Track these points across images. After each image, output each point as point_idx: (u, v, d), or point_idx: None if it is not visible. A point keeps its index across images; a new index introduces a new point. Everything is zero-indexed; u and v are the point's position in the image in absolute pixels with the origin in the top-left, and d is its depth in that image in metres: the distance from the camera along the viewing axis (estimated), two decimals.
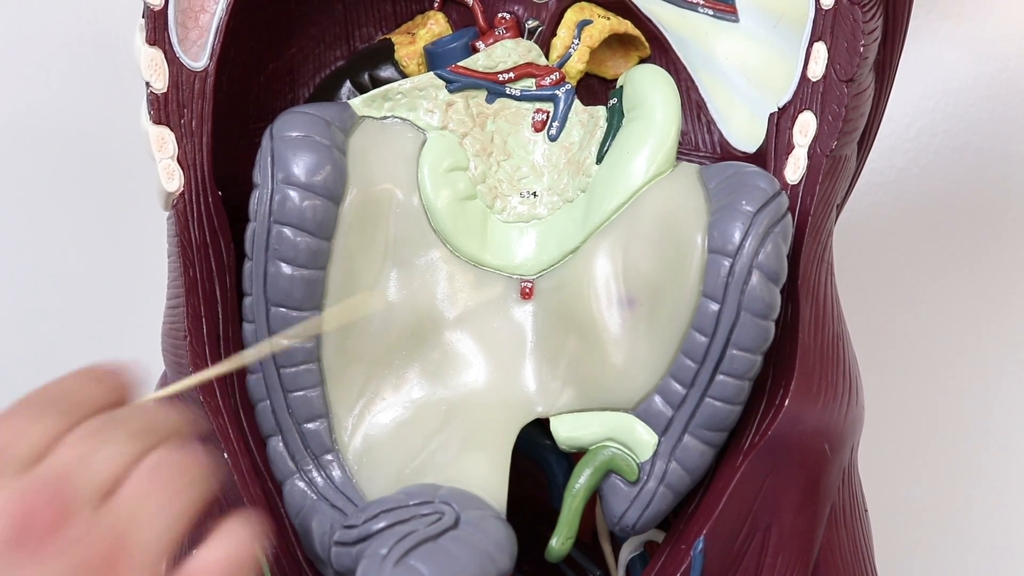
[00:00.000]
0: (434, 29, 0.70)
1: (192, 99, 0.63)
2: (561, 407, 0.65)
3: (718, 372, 0.61)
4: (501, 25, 0.69)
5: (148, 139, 0.62)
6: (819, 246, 0.64)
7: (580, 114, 0.69)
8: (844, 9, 0.62)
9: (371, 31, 0.72)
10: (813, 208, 0.63)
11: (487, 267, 0.67)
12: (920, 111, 0.92)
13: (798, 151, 0.64)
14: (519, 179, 0.68)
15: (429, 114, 0.67)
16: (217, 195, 0.64)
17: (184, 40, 0.63)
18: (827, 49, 0.63)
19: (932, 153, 0.93)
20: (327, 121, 0.63)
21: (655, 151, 0.65)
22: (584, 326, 0.64)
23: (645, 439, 0.63)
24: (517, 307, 0.66)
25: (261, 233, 0.61)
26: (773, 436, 0.61)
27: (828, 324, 0.64)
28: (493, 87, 0.68)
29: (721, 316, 0.60)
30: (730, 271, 0.60)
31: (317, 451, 0.64)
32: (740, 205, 0.61)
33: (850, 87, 0.62)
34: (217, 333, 0.63)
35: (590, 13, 0.70)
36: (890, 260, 0.94)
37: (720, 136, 0.70)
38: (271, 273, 0.61)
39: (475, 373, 0.66)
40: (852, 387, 0.65)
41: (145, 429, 0.49)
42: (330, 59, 0.71)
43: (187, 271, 0.63)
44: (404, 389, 0.65)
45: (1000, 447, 0.95)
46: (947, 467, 0.95)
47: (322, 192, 0.61)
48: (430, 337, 0.65)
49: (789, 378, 0.62)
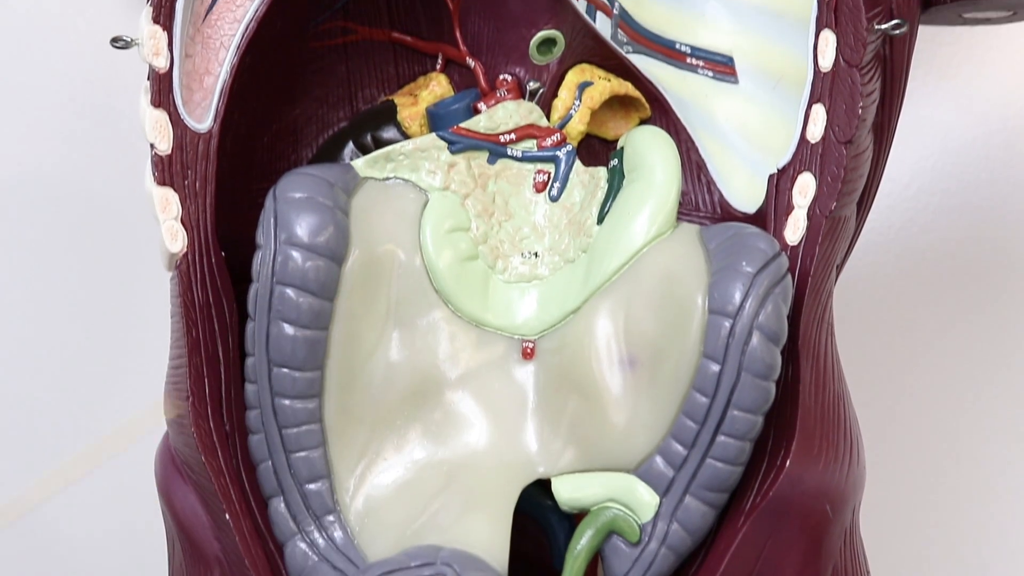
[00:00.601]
0: (436, 90, 0.71)
1: (196, 160, 0.63)
2: (563, 467, 0.65)
3: (719, 433, 0.61)
4: (503, 87, 0.69)
5: (152, 200, 0.62)
6: (819, 306, 0.64)
7: (581, 175, 0.69)
8: (842, 71, 0.63)
9: (374, 92, 0.72)
10: (813, 269, 0.63)
11: (489, 327, 0.67)
12: (919, 171, 0.93)
13: (798, 212, 0.65)
14: (520, 239, 0.68)
15: (431, 175, 0.67)
16: (220, 256, 0.64)
17: (189, 102, 0.63)
18: (826, 111, 0.64)
19: (931, 212, 0.93)
20: (330, 182, 0.63)
21: (656, 212, 0.65)
22: (585, 386, 0.64)
23: (646, 500, 0.63)
24: (518, 367, 0.66)
25: (264, 293, 0.61)
26: (774, 497, 0.61)
27: (829, 384, 0.64)
28: (495, 148, 0.68)
29: (722, 377, 0.61)
30: (731, 332, 0.60)
31: (319, 512, 0.63)
32: (740, 266, 0.61)
33: (849, 149, 0.63)
34: (220, 394, 0.63)
35: (591, 75, 0.70)
36: (890, 319, 0.94)
37: (720, 196, 0.70)
38: (273, 333, 0.62)
39: (476, 434, 0.66)
40: (853, 447, 0.65)
41: None
42: (333, 120, 0.72)
43: (190, 331, 0.63)
44: (406, 450, 0.65)
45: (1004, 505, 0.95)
46: (949, 527, 0.95)
47: (325, 253, 0.62)
48: (432, 397, 0.66)
49: (790, 439, 0.62)
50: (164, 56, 0.62)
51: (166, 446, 0.68)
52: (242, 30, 0.64)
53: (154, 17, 0.62)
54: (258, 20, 0.64)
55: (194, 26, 0.64)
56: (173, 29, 0.62)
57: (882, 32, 0.62)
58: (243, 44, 0.64)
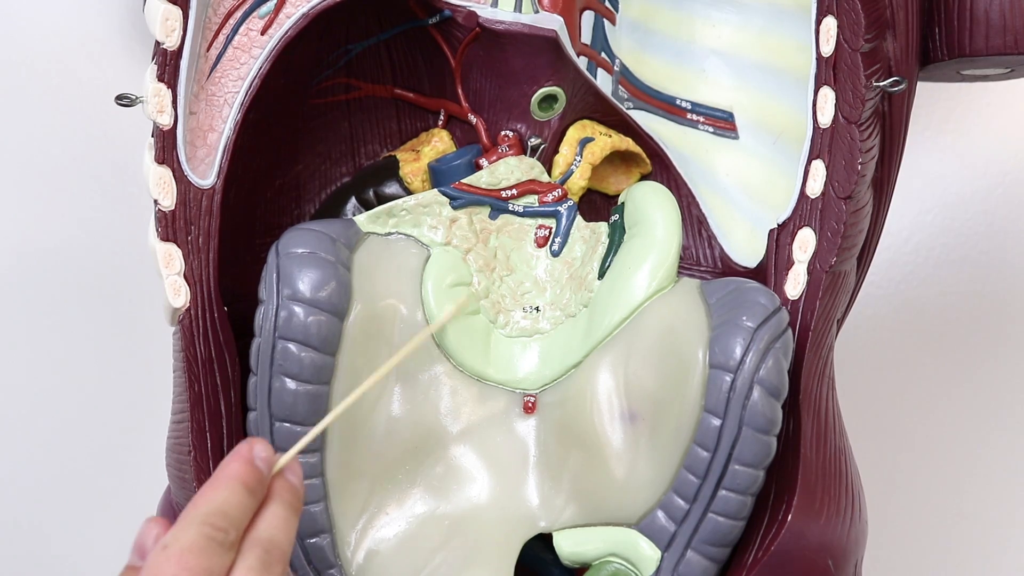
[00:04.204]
0: (438, 146, 0.71)
1: (200, 216, 0.63)
2: (564, 522, 0.65)
3: (720, 487, 0.61)
4: (504, 143, 0.70)
5: (155, 256, 0.63)
6: (820, 361, 0.64)
7: (582, 230, 0.69)
8: (842, 128, 0.63)
9: (376, 148, 0.72)
10: (814, 323, 0.63)
11: (490, 382, 0.67)
12: (918, 225, 0.93)
13: (798, 267, 0.65)
14: (522, 294, 0.69)
15: (433, 230, 0.67)
16: (223, 311, 0.64)
17: (192, 158, 0.64)
18: (825, 167, 0.64)
19: (931, 266, 0.94)
20: (332, 238, 0.63)
21: (656, 267, 0.66)
22: (587, 441, 0.64)
23: (648, 554, 0.63)
24: (520, 422, 0.67)
25: (266, 349, 0.62)
26: (776, 552, 0.61)
27: (830, 439, 0.64)
28: (496, 203, 0.69)
29: (723, 431, 0.61)
30: (731, 386, 0.60)
31: (320, 566, 0.63)
32: (741, 321, 0.61)
33: (848, 204, 0.63)
34: (222, 448, 0.63)
35: (592, 131, 0.71)
36: (891, 373, 0.94)
37: (721, 251, 0.70)
38: (275, 388, 0.62)
39: (478, 488, 0.66)
40: (855, 502, 0.65)
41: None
42: (336, 175, 0.72)
43: (192, 386, 0.63)
44: (407, 504, 0.65)
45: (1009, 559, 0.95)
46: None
47: (327, 308, 0.62)
48: (433, 452, 0.66)
49: (792, 493, 0.62)
50: (168, 113, 0.62)
51: (167, 500, 0.68)
52: (246, 87, 0.65)
53: (159, 75, 0.62)
54: (261, 77, 0.65)
55: (198, 83, 0.64)
56: (177, 87, 0.62)
57: (881, 89, 0.63)
58: (247, 101, 0.65)
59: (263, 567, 0.52)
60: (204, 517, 0.51)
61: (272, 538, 0.53)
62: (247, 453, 0.54)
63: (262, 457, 0.54)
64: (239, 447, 0.54)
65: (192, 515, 0.52)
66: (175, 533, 0.51)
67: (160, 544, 0.51)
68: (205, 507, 0.52)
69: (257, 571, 0.52)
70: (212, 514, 0.52)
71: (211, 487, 0.53)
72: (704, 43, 0.71)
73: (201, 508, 0.52)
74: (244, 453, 0.54)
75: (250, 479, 0.53)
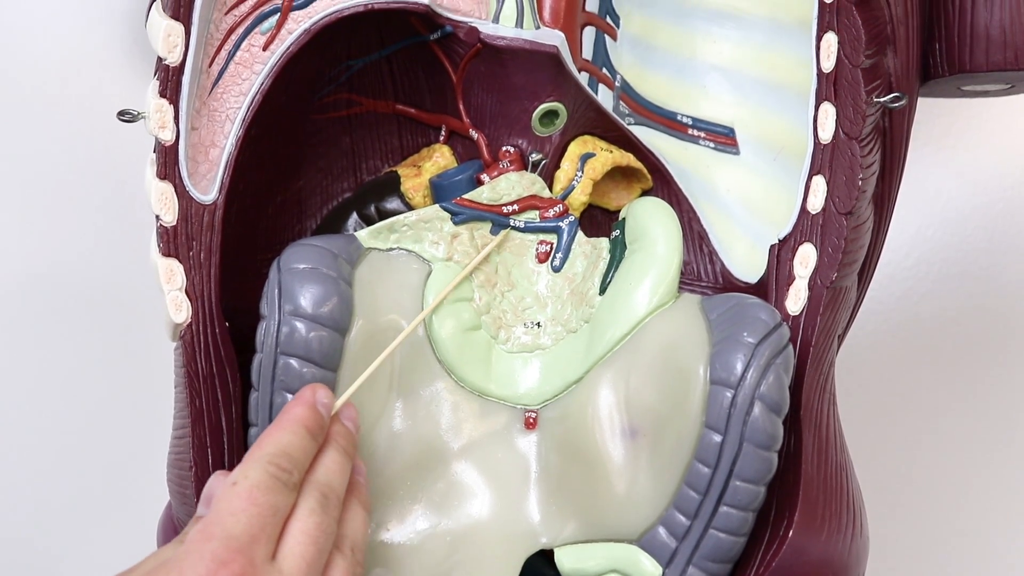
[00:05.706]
0: (440, 162, 0.71)
1: (201, 232, 0.63)
2: (565, 538, 0.65)
3: (721, 503, 0.61)
4: (505, 158, 0.70)
5: (157, 271, 0.63)
6: (821, 376, 0.64)
7: (583, 245, 0.69)
8: (842, 144, 0.63)
9: (378, 164, 0.73)
10: (814, 339, 0.63)
11: (491, 397, 0.67)
12: (918, 240, 0.93)
13: (799, 282, 0.65)
14: (523, 310, 0.69)
15: (434, 246, 0.67)
16: (224, 326, 0.64)
17: (194, 174, 0.64)
18: (826, 183, 0.64)
19: (931, 282, 0.94)
20: (334, 253, 0.63)
21: (657, 283, 0.66)
22: (588, 456, 0.64)
23: (649, 570, 0.63)
24: (521, 437, 0.67)
25: (267, 364, 0.62)
26: (777, 568, 0.61)
27: (831, 454, 0.64)
28: (497, 219, 0.69)
29: (724, 447, 0.61)
30: (732, 402, 0.60)
31: None
32: (742, 337, 0.61)
33: (849, 220, 0.63)
34: (223, 463, 0.63)
35: (593, 146, 0.71)
36: (891, 388, 0.94)
37: (722, 266, 0.70)
38: (277, 404, 0.62)
39: (479, 504, 0.65)
40: (856, 517, 0.65)
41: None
42: (337, 191, 0.72)
43: (193, 401, 0.63)
44: (409, 520, 0.65)
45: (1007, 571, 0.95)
46: None
47: (328, 323, 0.62)
48: (435, 467, 0.65)
49: (793, 509, 0.62)
50: (170, 129, 0.62)
51: (168, 516, 0.68)
52: (247, 103, 0.65)
53: (161, 91, 0.62)
54: (263, 93, 0.65)
55: (200, 99, 0.64)
56: (179, 103, 0.63)
57: (881, 105, 0.63)
58: (248, 117, 0.65)
59: (322, 509, 0.55)
60: (270, 457, 0.54)
61: (330, 482, 0.56)
62: (310, 397, 0.57)
63: (324, 403, 0.57)
64: (303, 391, 0.57)
65: (258, 455, 0.54)
66: (243, 470, 0.54)
67: (228, 481, 0.54)
68: (271, 447, 0.55)
69: (318, 513, 0.54)
70: (277, 455, 0.54)
71: (276, 428, 0.56)
72: (705, 59, 0.71)
73: (267, 448, 0.55)
74: (308, 398, 0.57)
75: (312, 423, 0.56)
